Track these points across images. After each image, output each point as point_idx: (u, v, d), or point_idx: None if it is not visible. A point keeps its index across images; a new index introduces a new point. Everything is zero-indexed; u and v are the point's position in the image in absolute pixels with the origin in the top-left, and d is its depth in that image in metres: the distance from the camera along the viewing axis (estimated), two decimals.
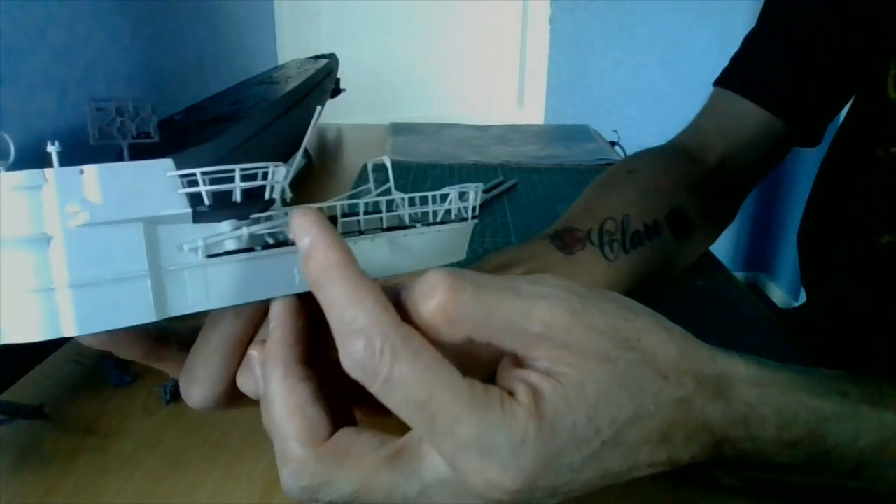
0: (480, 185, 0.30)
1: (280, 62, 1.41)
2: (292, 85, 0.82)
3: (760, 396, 0.26)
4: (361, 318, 0.22)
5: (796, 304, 1.30)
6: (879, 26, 0.53)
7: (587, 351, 0.23)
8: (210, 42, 1.05)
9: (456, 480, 0.23)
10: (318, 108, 0.26)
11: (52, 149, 0.20)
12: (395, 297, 0.24)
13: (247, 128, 0.63)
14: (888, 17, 0.53)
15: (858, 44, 0.55)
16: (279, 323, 0.25)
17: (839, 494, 0.29)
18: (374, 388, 0.22)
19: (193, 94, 0.94)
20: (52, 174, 0.20)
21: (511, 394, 0.23)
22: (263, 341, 0.26)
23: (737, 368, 0.26)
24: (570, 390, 0.23)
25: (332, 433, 0.24)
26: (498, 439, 0.22)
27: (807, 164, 2.04)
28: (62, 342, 0.42)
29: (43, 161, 0.20)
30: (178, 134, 0.61)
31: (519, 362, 0.24)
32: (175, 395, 0.41)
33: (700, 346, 0.26)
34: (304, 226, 0.23)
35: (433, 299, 0.23)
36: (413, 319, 0.23)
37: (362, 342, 0.22)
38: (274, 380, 0.24)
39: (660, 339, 0.25)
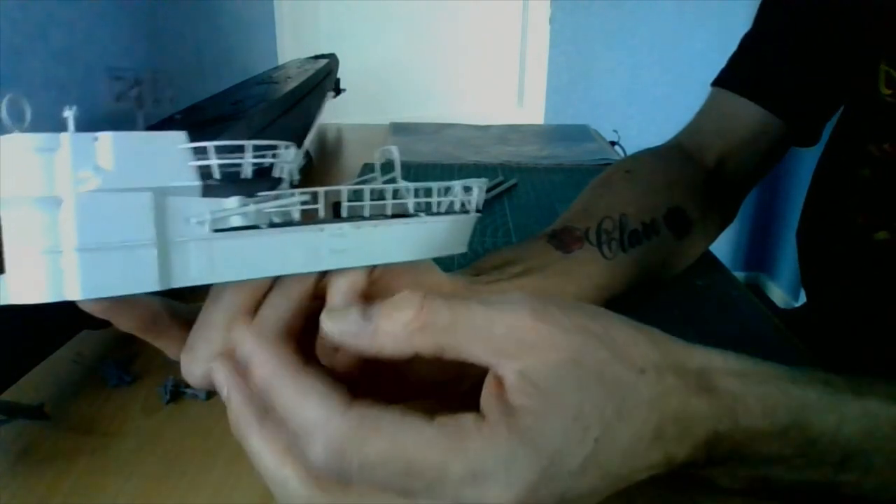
0: (485, 181, 0.30)
1: (280, 62, 1.41)
2: (292, 85, 0.82)
3: (742, 386, 0.26)
4: (311, 416, 0.23)
5: (796, 304, 1.31)
6: (869, 24, 0.53)
7: (555, 352, 0.23)
8: (210, 42, 1.05)
9: None
10: (331, 93, 0.26)
11: (69, 113, 0.20)
12: (367, 309, 0.25)
13: (247, 128, 0.63)
14: (878, 14, 0.53)
15: (850, 42, 0.55)
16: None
17: (832, 494, 0.29)
18: (353, 479, 0.22)
19: (193, 94, 0.94)
20: (68, 138, 0.20)
21: (484, 418, 0.23)
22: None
23: (715, 361, 0.27)
24: (547, 398, 0.23)
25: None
26: (489, 465, 0.22)
27: (806, 163, 2.04)
28: (62, 342, 0.42)
29: None
30: None
31: (496, 385, 0.24)
32: (175, 396, 0.41)
33: (675, 342, 0.27)
34: (244, 340, 0.24)
35: (407, 308, 0.24)
36: (383, 333, 0.24)
37: (321, 443, 0.22)
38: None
39: (628, 333, 0.25)
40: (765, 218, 2.51)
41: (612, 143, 1.10)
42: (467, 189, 0.29)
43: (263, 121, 0.67)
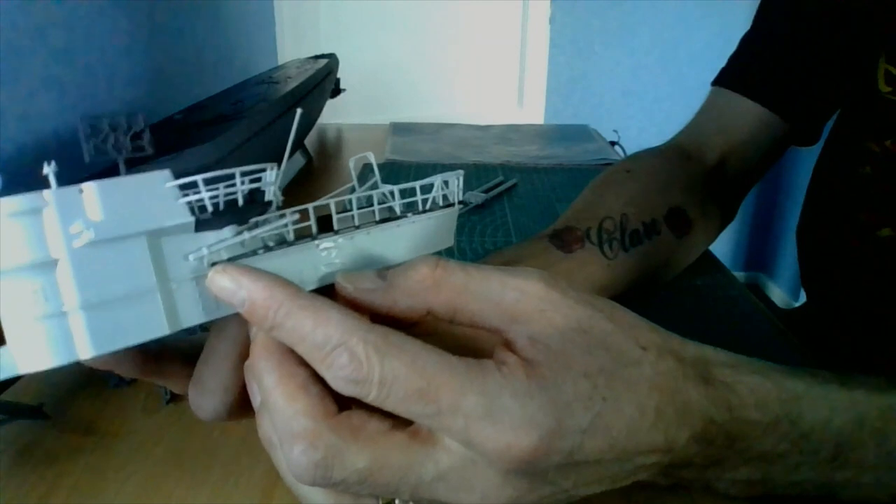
0: (461, 172, 0.30)
1: (280, 62, 1.41)
2: (292, 85, 0.82)
3: (734, 376, 0.27)
4: (334, 333, 0.22)
5: (796, 304, 1.31)
6: (869, 21, 0.53)
7: (563, 319, 0.24)
8: (210, 42, 1.05)
9: (473, 462, 0.23)
10: (299, 110, 0.26)
11: (49, 170, 0.19)
12: (382, 271, 0.25)
13: (247, 128, 0.63)
14: (877, 11, 0.53)
15: (850, 39, 0.55)
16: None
17: (831, 497, 0.29)
18: (371, 395, 0.22)
19: (193, 94, 0.93)
20: (52, 195, 0.19)
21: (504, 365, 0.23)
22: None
23: (708, 354, 0.28)
24: (557, 356, 0.23)
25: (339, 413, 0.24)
26: (505, 400, 0.22)
27: (806, 162, 2.03)
28: None
29: (44, 160, 0.20)
30: (178, 134, 0.61)
31: (508, 344, 0.24)
32: (175, 395, 0.41)
33: (672, 334, 0.27)
34: (233, 279, 0.23)
35: (422, 267, 0.25)
36: (397, 287, 0.25)
37: (345, 355, 0.22)
38: (267, 371, 0.24)
39: (630, 316, 0.26)
40: (765, 217, 2.51)
41: (612, 143, 1.10)
42: (446, 182, 0.30)
43: (263, 121, 0.67)
